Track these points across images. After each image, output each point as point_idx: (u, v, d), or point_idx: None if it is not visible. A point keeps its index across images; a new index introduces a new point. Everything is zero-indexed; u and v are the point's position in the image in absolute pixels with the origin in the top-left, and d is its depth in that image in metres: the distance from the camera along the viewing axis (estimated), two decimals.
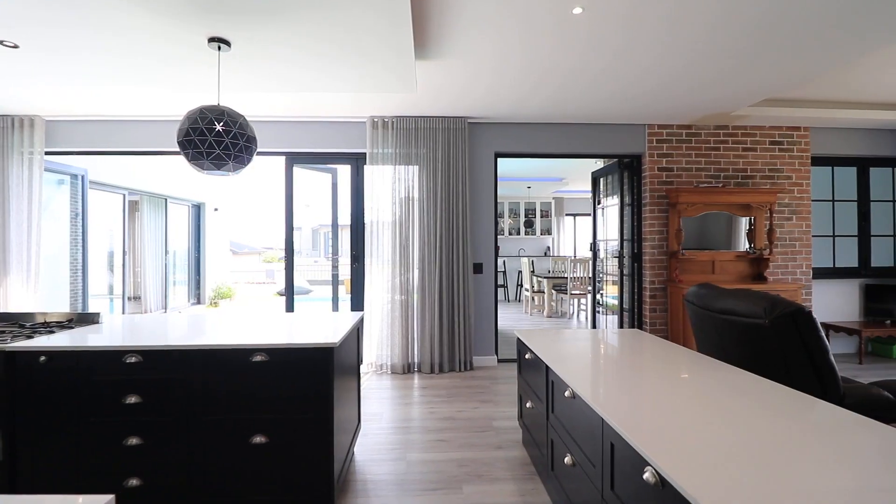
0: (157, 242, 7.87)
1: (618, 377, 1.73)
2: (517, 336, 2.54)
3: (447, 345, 4.13)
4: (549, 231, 10.11)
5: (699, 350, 2.53)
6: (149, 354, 1.82)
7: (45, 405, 1.81)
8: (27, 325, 2.22)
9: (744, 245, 4.39)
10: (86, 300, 5.16)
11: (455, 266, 4.14)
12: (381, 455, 2.51)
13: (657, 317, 4.37)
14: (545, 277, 7.37)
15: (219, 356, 1.83)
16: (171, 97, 3.56)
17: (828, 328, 4.60)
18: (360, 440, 2.69)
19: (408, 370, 4.13)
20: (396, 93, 3.44)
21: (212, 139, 2.14)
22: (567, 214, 10.54)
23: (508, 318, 7.10)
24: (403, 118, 4.11)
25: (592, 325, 5.49)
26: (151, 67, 2.81)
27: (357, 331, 2.53)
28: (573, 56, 2.86)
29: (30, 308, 3.99)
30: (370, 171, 4.14)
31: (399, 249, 4.14)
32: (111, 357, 1.81)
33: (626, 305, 4.68)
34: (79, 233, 5.14)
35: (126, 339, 1.95)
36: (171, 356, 1.82)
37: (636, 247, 4.53)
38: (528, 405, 2.36)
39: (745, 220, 4.37)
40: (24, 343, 1.84)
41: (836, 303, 4.79)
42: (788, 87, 3.42)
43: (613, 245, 4.96)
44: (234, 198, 10.81)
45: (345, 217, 4.49)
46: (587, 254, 8.41)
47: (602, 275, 5.29)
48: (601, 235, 5.30)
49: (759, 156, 4.46)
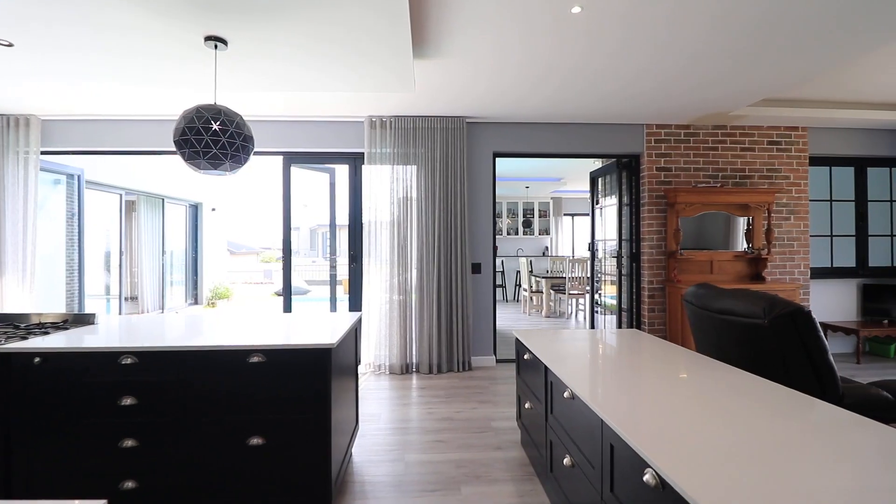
0: (154, 242, 7.84)
1: (617, 378, 1.72)
2: (516, 336, 2.53)
3: (445, 345, 4.12)
4: (548, 231, 10.11)
5: (698, 350, 2.53)
6: (144, 356, 1.80)
7: (40, 407, 1.80)
8: (22, 326, 2.20)
9: (742, 245, 4.39)
10: (82, 300, 5.13)
11: (453, 266, 4.12)
12: (380, 456, 2.50)
13: (655, 317, 4.37)
14: (543, 277, 7.36)
15: (215, 357, 1.82)
16: (168, 96, 3.54)
17: (825, 328, 4.61)
18: (359, 441, 2.68)
19: (406, 370, 4.12)
20: (394, 92, 3.43)
21: (208, 138, 2.12)
22: (565, 214, 10.54)
23: (507, 318, 7.09)
24: (401, 118, 4.10)
25: (591, 325, 5.48)
26: (147, 66, 2.80)
27: (355, 331, 2.52)
28: (572, 55, 2.85)
29: (25, 308, 3.96)
30: (368, 171, 4.13)
31: (397, 249, 4.13)
32: (106, 358, 1.80)
33: (625, 305, 4.68)
34: (75, 233, 5.11)
35: (122, 340, 1.93)
36: (167, 357, 1.81)
37: (634, 247, 4.53)
38: (527, 406, 2.35)
39: (743, 220, 4.37)
40: (19, 344, 1.83)
41: (834, 302, 4.80)
42: (787, 87, 3.42)
43: (612, 245, 4.95)
44: (232, 198, 10.77)
45: (343, 217, 4.47)
46: (585, 254, 8.40)
47: (600, 275, 5.29)
48: (599, 235, 5.30)
49: (757, 156, 4.46)
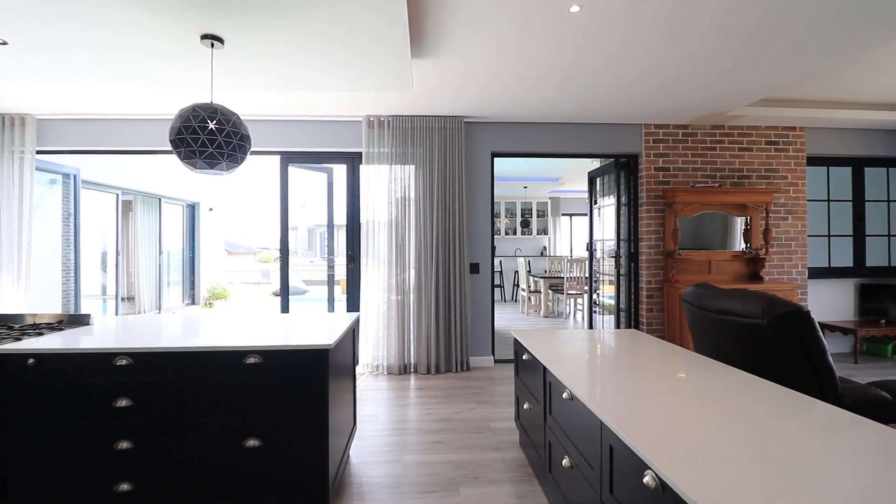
0: (151, 242, 7.81)
1: (616, 378, 1.72)
2: (514, 336, 2.52)
3: (444, 345, 4.11)
4: (546, 231, 10.11)
5: (696, 350, 2.52)
6: (139, 356, 1.78)
7: (35, 408, 1.78)
8: (16, 327, 2.18)
9: (739, 245, 4.39)
10: (78, 301, 5.10)
11: (451, 266, 4.11)
12: (377, 457, 2.48)
13: (654, 317, 4.37)
14: (542, 277, 7.36)
15: (211, 358, 1.80)
16: (165, 96, 3.52)
17: (823, 328, 4.61)
18: (356, 442, 2.67)
19: (404, 371, 4.10)
20: (393, 91, 3.41)
21: (204, 137, 2.11)
22: (563, 214, 10.55)
23: (505, 319, 7.08)
24: (399, 117, 4.09)
25: (589, 325, 5.48)
26: (143, 65, 2.78)
27: (353, 331, 2.51)
28: (570, 55, 2.84)
29: (20, 309, 3.93)
30: (366, 171, 4.11)
31: (395, 249, 4.12)
32: (101, 359, 1.78)
33: (623, 305, 4.67)
34: (71, 233, 5.08)
35: (117, 341, 1.92)
36: (163, 358, 1.79)
37: (633, 247, 4.53)
38: (526, 406, 2.34)
39: (741, 220, 4.37)
40: (13, 345, 1.81)
41: (832, 302, 4.81)
42: (785, 87, 3.42)
43: (610, 245, 4.95)
44: (229, 197, 10.73)
45: (341, 217, 4.45)
46: (583, 254, 8.41)
47: (598, 275, 5.28)
48: (598, 235, 5.29)
49: (755, 156, 4.47)
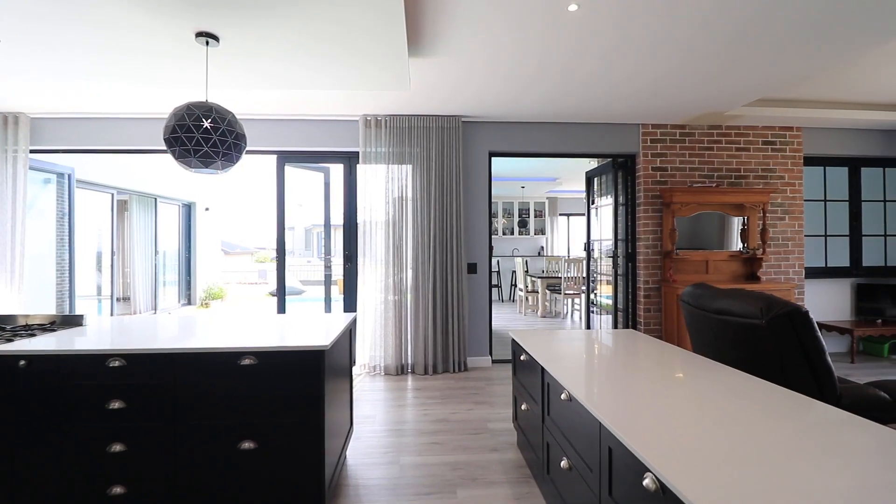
0: (147, 242, 7.76)
1: (615, 379, 1.70)
2: (512, 337, 2.51)
3: (441, 345, 4.09)
4: (543, 231, 10.11)
5: (694, 350, 2.51)
6: (132, 358, 1.76)
7: (26, 411, 1.75)
8: (7, 328, 2.16)
9: (736, 245, 4.39)
10: (73, 301, 5.05)
11: (449, 266, 4.10)
12: (374, 459, 2.47)
13: (651, 317, 4.37)
14: (539, 277, 7.35)
15: (205, 360, 1.78)
16: (160, 94, 3.49)
17: (820, 327, 4.61)
18: (353, 443, 2.65)
19: (401, 371, 4.08)
20: (390, 90, 3.40)
21: (199, 136, 2.08)
22: (561, 214, 10.55)
23: (503, 319, 7.08)
24: (397, 117, 4.07)
25: (587, 325, 5.47)
26: (138, 64, 2.75)
27: (350, 332, 2.49)
28: (566, 54, 2.83)
29: (14, 309, 3.89)
30: (363, 171, 4.09)
31: (392, 249, 4.10)
32: (94, 361, 1.76)
33: (621, 305, 4.67)
34: (65, 233, 5.03)
35: (111, 342, 1.89)
36: (156, 360, 1.77)
37: (630, 246, 4.53)
38: (524, 407, 2.33)
39: (738, 220, 4.37)
40: (4, 347, 1.78)
41: (828, 302, 4.82)
42: (780, 88, 3.42)
43: (607, 245, 4.95)
44: (226, 197, 10.68)
45: (337, 217, 4.43)
46: (581, 254, 8.41)
47: (596, 274, 5.28)
48: (595, 235, 5.29)
49: (753, 156, 4.47)
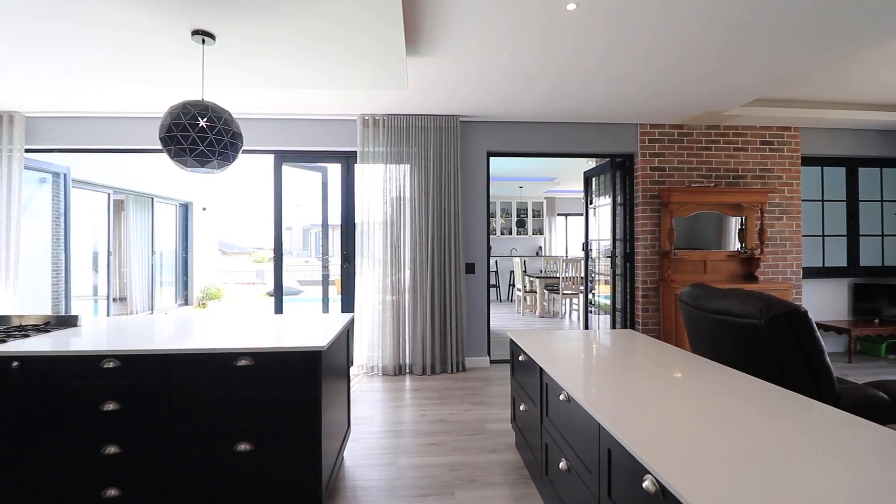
0: (144, 242, 7.72)
1: (614, 380, 1.69)
2: (510, 337, 2.49)
3: (439, 346, 4.08)
4: (541, 231, 10.10)
5: (693, 350, 2.51)
6: (127, 359, 1.74)
7: (19, 413, 1.73)
8: (1, 329, 2.13)
9: (734, 245, 4.39)
10: (68, 302, 5.02)
11: (447, 266, 4.08)
12: (372, 460, 2.45)
13: (649, 316, 4.36)
14: (537, 277, 7.35)
15: (201, 361, 1.76)
16: (157, 93, 3.47)
17: (818, 327, 4.62)
18: (350, 445, 2.63)
19: (399, 372, 4.07)
20: (388, 90, 3.38)
21: (195, 135, 2.06)
22: (559, 214, 10.55)
23: (501, 319, 7.07)
24: (394, 116, 4.05)
25: (585, 325, 5.47)
26: (133, 62, 2.72)
27: (347, 332, 2.48)
28: (565, 53, 2.82)
29: (8, 310, 3.86)
30: (361, 170, 4.08)
31: (390, 249, 4.08)
32: (88, 362, 1.74)
33: (619, 305, 4.66)
34: (61, 233, 5.00)
35: (106, 343, 1.87)
36: (151, 361, 1.75)
37: (628, 246, 4.52)
38: (522, 408, 2.31)
39: (736, 220, 4.37)
40: None
41: (826, 302, 4.82)
42: (777, 88, 3.42)
43: (605, 245, 4.94)
44: (223, 197, 10.64)
45: (335, 216, 4.42)
46: (579, 254, 8.41)
47: (594, 274, 5.28)
48: (593, 235, 5.29)
49: (750, 156, 4.47)
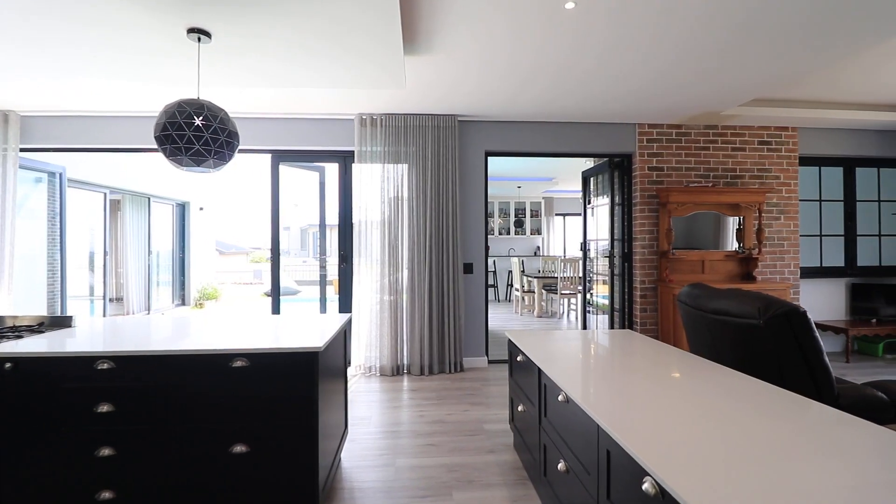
0: (140, 242, 7.69)
1: (613, 381, 1.69)
2: (508, 337, 2.48)
3: (437, 346, 4.07)
4: (540, 231, 10.10)
5: (691, 350, 2.50)
6: (121, 360, 1.72)
7: (12, 414, 1.71)
8: None
9: (732, 244, 4.40)
10: (64, 302, 4.99)
11: (445, 266, 4.07)
12: (369, 461, 2.44)
13: (647, 316, 4.36)
14: (535, 277, 7.34)
15: (196, 361, 1.74)
16: (153, 92, 3.44)
17: (815, 327, 4.63)
18: (347, 446, 2.62)
19: (397, 372, 4.05)
20: (385, 89, 3.37)
21: (190, 134, 2.04)
22: (557, 214, 10.54)
23: (499, 319, 7.06)
24: (392, 116, 4.04)
25: (583, 325, 5.46)
26: (129, 61, 2.70)
27: (344, 332, 2.46)
28: (563, 52, 2.81)
29: (2, 311, 3.83)
30: (358, 170, 4.06)
31: (388, 249, 4.07)
32: (82, 363, 1.72)
33: (617, 305, 4.66)
34: (57, 233, 4.96)
35: (100, 344, 1.86)
36: (146, 362, 1.73)
37: (626, 246, 4.52)
38: (520, 408, 2.30)
39: (734, 220, 4.37)
40: None
41: (823, 302, 4.83)
42: (775, 87, 3.42)
43: (604, 245, 4.94)
44: (221, 197, 10.59)
45: (333, 216, 4.40)
46: (577, 253, 8.41)
47: (592, 274, 5.27)
48: (591, 235, 5.28)
49: (748, 156, 4.47)
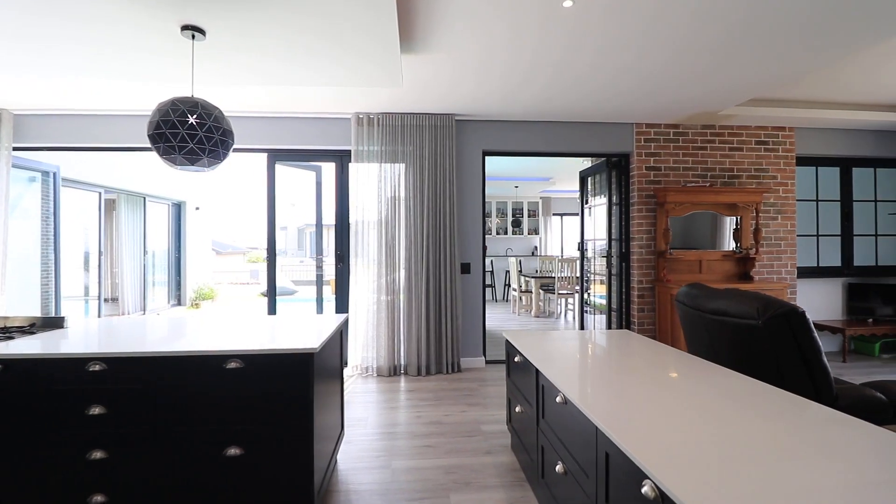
0: (136, 242, 7.64)
1: (611, 382, 1.67)
2: (506, 338, 2.47)
3: (434, 346, 4.05)
4: (537, 231, 10.09)
5: (689, 351, 2.49)
6: (113, 362, 1.70)
7: (3, 417, 1.68)
8: None
9: (729, 244, 4.39)
10: (58, 302, 4.95)
11: (442, 266, 4.05)
12: (366, 463, 2.42)
13: (645, 316, 4.35)
14: (533, 277, 7.33)
15: (190, 363, 1.72)
16: (148, 91, 3.41)
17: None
18: (344, 447, 2.60)
19: (394, 372, 4.03)
20: (382, 87, 3.35)
21: (184, 132, 2.02)
22: (554, 214, 10.54)
23: (496, 319, 7.04)
24: (389, 115, 4.02)
25: (580, 325, 5.46)
26: (124, 59, 2.67)
27: (341, 333, 2.44)
28: (560, 51, 2.80)
29: None
30: (355, 169, 4.04)
31: (385, 249, 4.05)
32: (73, 365, 1.69)
33: (615, 305, 4.65)
34: (51, 232, 4.92)
35: (92, 345, 1.83)
36: (138, 364, 1.71)
37: (624, 246, 4.51)
38: (518, 409, 2.29)
39: (731, 220, 4.37)
40: None
41: (820, 301, 4.83)
42: (775, 87, 3.42)
43: (601, 244, 4.93)
44: (217, 196, 10.54)
45: (329, 216, 4.37)
46: (574, 253, 8.40)
47: (590, 274, 5.26)
48: (589, 235, 5.27)
49: (746, 155, 4.47)
